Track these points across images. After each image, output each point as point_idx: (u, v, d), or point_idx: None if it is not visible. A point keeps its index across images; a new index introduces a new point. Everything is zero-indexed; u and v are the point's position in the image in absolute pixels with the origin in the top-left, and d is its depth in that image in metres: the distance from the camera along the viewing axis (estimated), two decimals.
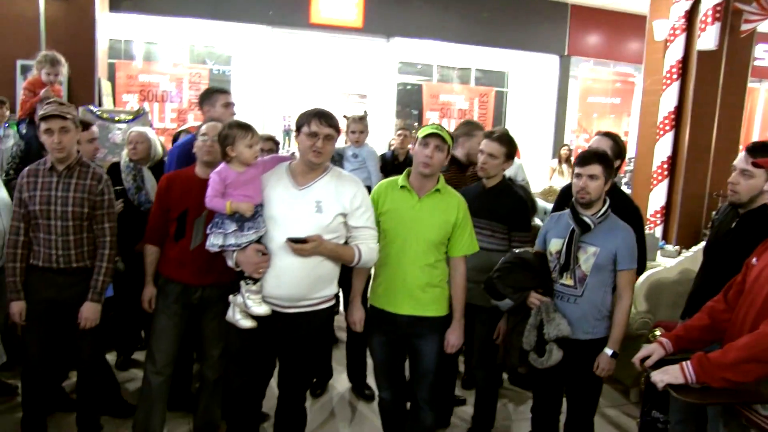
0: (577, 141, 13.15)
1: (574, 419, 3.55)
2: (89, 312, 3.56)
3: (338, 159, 4.71)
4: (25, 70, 6.83)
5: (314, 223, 3.05)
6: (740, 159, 3.14)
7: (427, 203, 3.33)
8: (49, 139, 3.41)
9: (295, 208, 3.07)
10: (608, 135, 4.02)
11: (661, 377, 2.49)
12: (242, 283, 3.10)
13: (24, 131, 5.22)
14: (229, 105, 4.22)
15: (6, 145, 5.38)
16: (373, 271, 3.51)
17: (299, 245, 2.97)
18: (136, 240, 4.07)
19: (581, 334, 3.35)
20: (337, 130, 3.13)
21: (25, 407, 3.74)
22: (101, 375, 3.86)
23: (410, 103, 13.54)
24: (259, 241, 3.07)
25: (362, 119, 4.85)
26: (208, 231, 3.13)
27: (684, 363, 2.44)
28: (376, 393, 3.76)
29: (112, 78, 9.73)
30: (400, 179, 3.42)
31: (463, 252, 3.39)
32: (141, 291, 3.73)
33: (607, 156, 3.44)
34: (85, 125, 4.21)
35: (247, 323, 3.13)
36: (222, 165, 3.15)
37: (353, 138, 4.78)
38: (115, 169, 4.64)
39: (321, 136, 3.03)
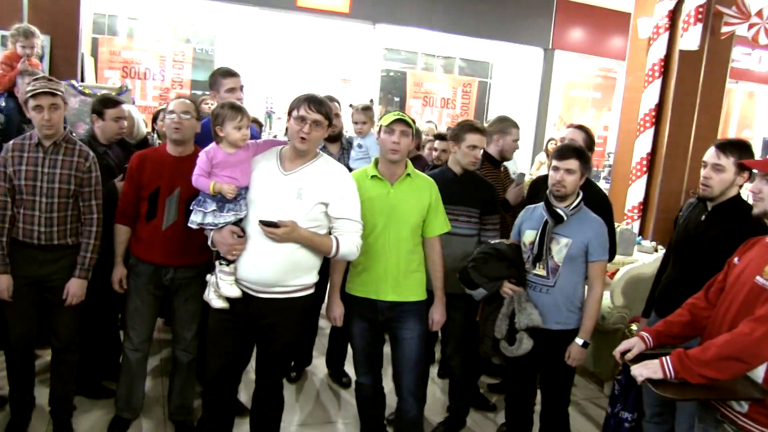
0: (558, 134, 13.24)
1: (549, 409, 3.62)
2: (76, 288, 3.55)
3: (347, 147, 4.70)
4: (5, 42, 6.71)
5: (293, 209, 3.03)
6: (711, 155, 3.23)
7: (400, 189, 3.38)
8: (39, 116, 3.38)
9: (277, 193, 3.07)
10: (581, 128, 4.16)
11: (641, 371, 2.51)
12: (216, 263, 3.12)
13: (2, 104, 5.15)
14: (233, 90, 4.02)
15: None
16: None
17: (270, 228, 2.96)
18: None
19: (553, 324, 3.41)
20: (327, 117, 3.09)
21: (11, 383, 3.74)
22: (76, 354, 3.81)
23: (393, 90, 13.55)
24: (238, 223, 3.08)
25: (367, 109, 4.82)
26: (191, 207, 3.13)
27: (664, 358, 2.46)
28: (353, 379, 3.78)
29: (94, 53, 9.63)
30: (369, 169, 3.44)
31: (438, 231, 3.48)
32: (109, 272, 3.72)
33: (584, 151, 3.51)
34: (114, 102, 4.20)
35: (219, 303, 3.13)
36: (212, 145, 3.15)
37: (357, 128, 4.76)
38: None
39: (308, 121, 3.01)
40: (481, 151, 4.00)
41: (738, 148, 3.19)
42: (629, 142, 7.49)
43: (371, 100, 4.97)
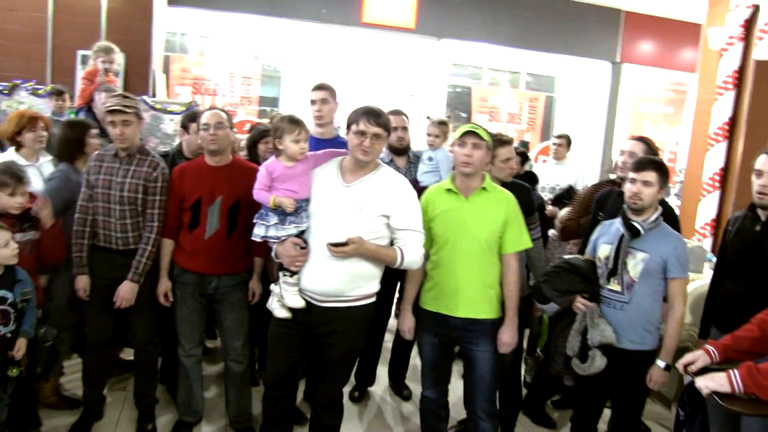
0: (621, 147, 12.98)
1: (617, 431, 3.51)
2: (125, 291, 3.69)
3: (414, 161, 4.67)
4: (85, 60, 7.03)
5: (356, 222, 3.06)
6: (765, 162, 3.21)
7: (473, 203, 3.33)
8: (113, 130, 3.63)
9: (339, 206, 3.09)
10: (642, 140, 4.04)
11: (707, 383, 2.44)
12: (281, 274, 3.15)
13: (82, 117, 5.37)
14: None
15: None
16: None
17: (339, 248, 2.98)
18: None
19: (627, 343, 3.30)
20: (387, 129, 3.13)
21: (85, 380, 3.95)
22: (155, 353, 4.01)
23: (459, 105, 13.51)
24: (300, 235, 3.11)
25: (442, 124, 4.79)
26: (254, 221, 3.18)
27: (732, 371, 2.39)
28: (414, 392, 3.75)
29: (166, 70, 9.92)
30: (446, 183, 3.43)
31: (514, 248, 3.37)
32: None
33: (663, 164, 3.41)
34: (198, 116, 4.19)
35: (282, 313, 3.17)
36: (272, 158, 3.20)
37: (429, 140, 4.74)
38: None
39: (369, 135, 3.04)
40: (517, 160, 3.96)
41: None
42: (700, 156, 7.28)
43: (449, 116, 4.96)
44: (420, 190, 4.22)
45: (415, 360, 4.55)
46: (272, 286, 3.27)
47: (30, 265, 3.56)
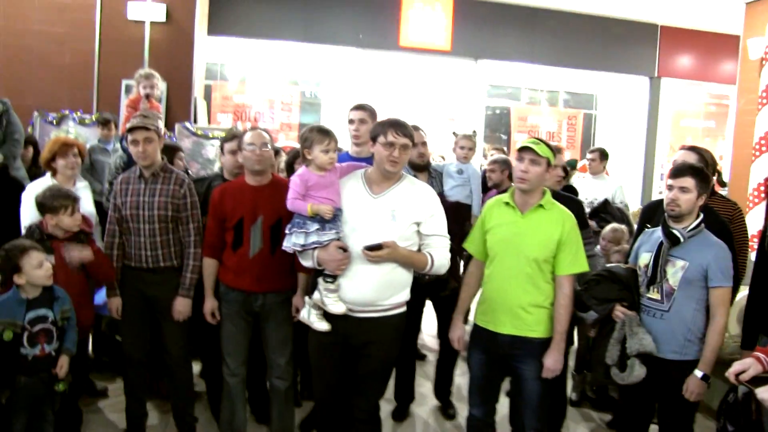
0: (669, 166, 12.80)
1: None
2: (181, 305, 3.83)
3: (436, 176, 4.69)
4: (129, 89, 7.22)
5: (389, 230, 3.10)
6: None
7: (529, 219, 3.30)
8: (135, 149, 3.76)
9: (371, 216, 3.14)
10: (694, 149, 3.98)
11: None
12: (320, 281, 3.16)
13: (126, 145, 5.52)
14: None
15: (113, 158, 5.72)
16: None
17: (375, 252, 3.03)
18: None
19: (669, 353, 3.27)
20: (413, 140, 3.19)
21: (127, 394, 4.05)
22: (190, 370, 4.10)
23: (499, 127, 13.48)
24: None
25: (471, 137, 4.85)
26: (287, 231, 3.21)
27: None
28: (458, 411, 3.72)
29: (208, 98, 10.11)
30: (506, 196, 3.42)
31: (568, 271, 3.29)
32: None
33: (701, 170, 3.38)
34: (232, 137, 4.26)
35: (322, 326, 3.19)
36: (303, 168, 3.25)
37: (461, 154, 4.77)
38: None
39: (397, 145, 3.10)
40: (560, 169, 3.96)
41: None
42: (744, 167, 7.20)
43: (474, 131, 4.98)
44: (449, 205, 4.25)
45: (459, 378, 4.53)
46: (306, 299, 3.30)
47: (81, 284, 3.68)
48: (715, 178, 3.97)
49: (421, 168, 4.62)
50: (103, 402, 4.59)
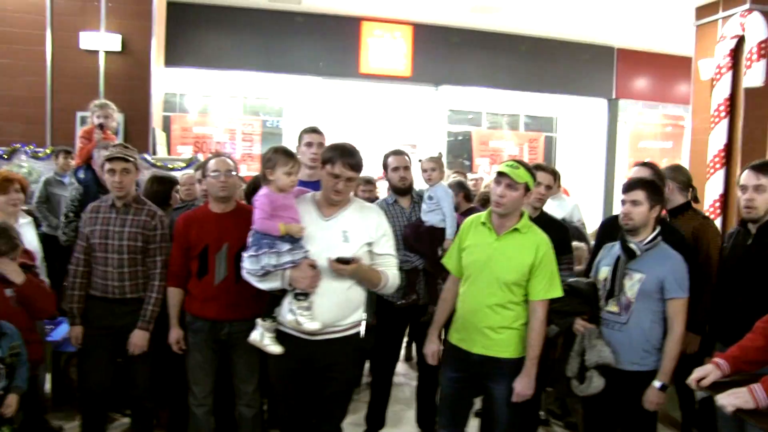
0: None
1: None
2: (137, 338, 3.75)
3: (418, 201, 4.61)
4: (84, 121, 7.14)
5: (342, 251, 3.10)
6: (749, 177, 3.26)
7: (504, 242, 3.29)
8: (111, 179, 3.71)
9: (324, 238, 3.14)
10: (646, 165, 4.05)
11: (730, 401, 2.39)
12: (292, 301, 3.12)
13: (82, 176, 5.43)
14: (310, 144, 4.22)
15: (69, 191, 5.64)
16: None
17: (343, 266, 3.03)
18: None
19: (627, 365, 3.29)
20: (360, 170, 3.19)
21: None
22: (151, 403, 4.01)
23: (461, 152, 13.55)
24: None
25: (434, 159, 4.70)
26: (252, 254, 3.12)
27: (753, 386, 2.34)
28: None
29: (167, 130, 10.04)
30: (483, 215, 3.41)
31: (542, 296, 3.26)
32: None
33: (651, 182, 3.44)
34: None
35: (276, 348, 3.18)
36: (265, 188, 3.21)
37: (424, 176, 4.64)
38: None
39: (343, 178, 3.11)
40: (545, 187, 4.00)
41: None
42: (700, 185, 7.27)
43: (440, 153, 4.95)
44: (427, 230, 4.22)
45: None
46: (259, 321, 3.25)
47: (25, 319, 3.59)
48: (689, 194, 4.07)
49: (403, 192, 4.56)
50: None
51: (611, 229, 3.87)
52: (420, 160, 4.86)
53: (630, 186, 3.37)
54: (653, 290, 3.27)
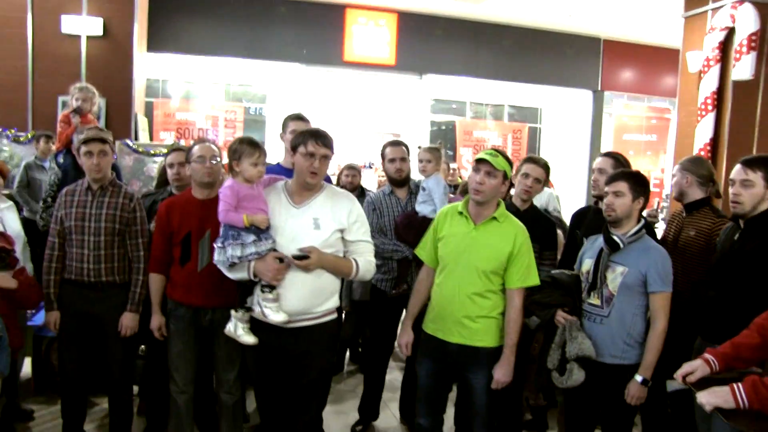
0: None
1: None
2: (128, 320, 3.74)
3: (415, 191, 4.55)
4: (66, 105, 7.03)
5: (313, 239, 3.08)
6: (738, 171, 3.19)
7: (482, 231, 3.27)
8: (89, 161, 3.66)
9: (294, 225, 3.12)
10: (609, 155, 4.07)
11: (709, 399, 2.35)
12: (259, 292, 3.12)
13: (61, 161, 5.35)
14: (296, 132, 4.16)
15: (49, 175, 5.56)
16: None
17: (304, 261, 3.02)
18: None
19: (608, 358, 3.26)
20: (332, 151, 3.17)
21: (64, 418, 3.90)
22: (130, 390, 4.00)
23: (444, 141, 13.55)
24: None
25: (431, 150, 4.66)
26: (220, 245, 3.13)
27: (735, 385, 2.29)
28: None
29: (149, 116, 9.94)
30: (460, 205, 3.38)
31: (519, 284, 3.26)
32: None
33: (635, 174, 3.42)
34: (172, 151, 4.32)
35: (249, 339, 3.16)
36: (230, 180, 3.19)
37: (420, 167, 4.61)
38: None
39: (318, 156, 3.07)
40: (534, 180, 3.93)
41: (764, 163, 3.17)
42: None
43: (440, 142, 4.90)
44: (420, 220, 4.19)
45: None
46: (233, 312, 3.23)
47: (3, 306, 3.52)
48: (708, 189, 3.93)
49: (400, 183, 4.53)
50: (40, 426, 4.37)
51: (582, 218, 3.94)
52: (419, 147, 4.81)
53: (613, 178, 3.35)
54: (635, 284, 3.24)
